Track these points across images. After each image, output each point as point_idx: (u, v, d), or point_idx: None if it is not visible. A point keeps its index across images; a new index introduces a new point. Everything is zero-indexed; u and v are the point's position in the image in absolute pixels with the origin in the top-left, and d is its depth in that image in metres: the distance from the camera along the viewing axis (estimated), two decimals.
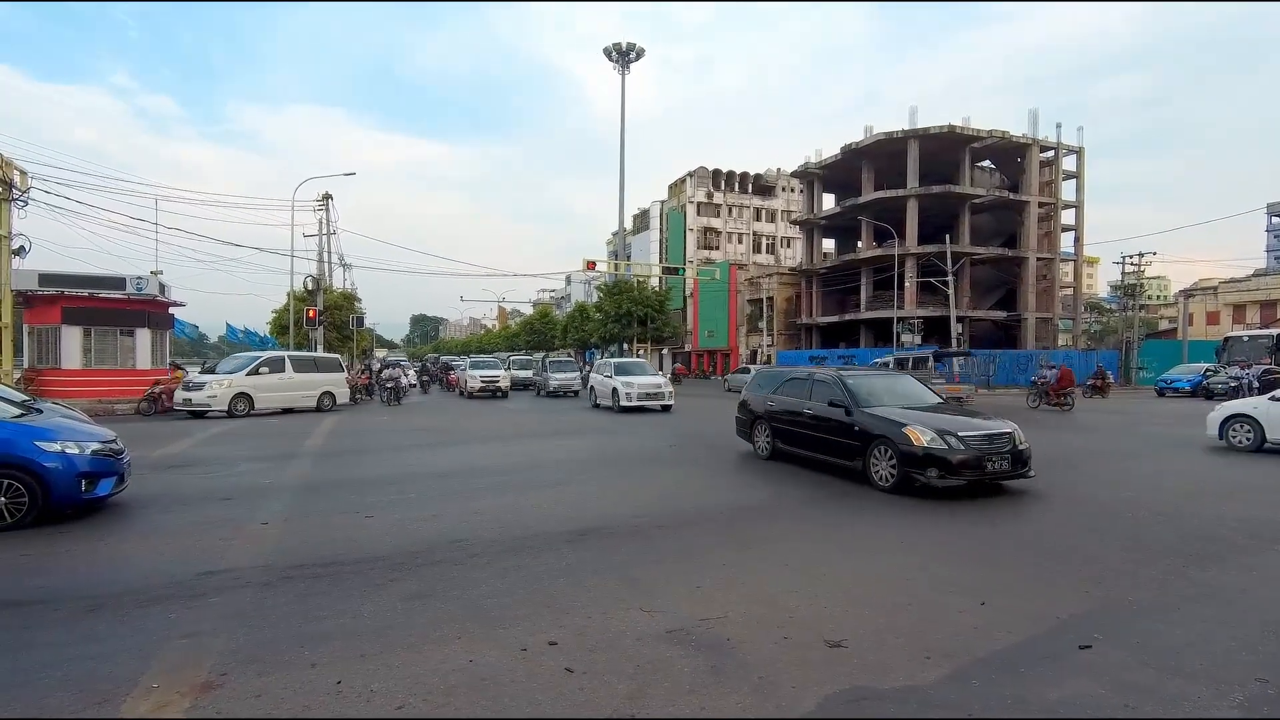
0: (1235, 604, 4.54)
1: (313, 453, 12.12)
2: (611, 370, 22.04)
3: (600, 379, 22.62)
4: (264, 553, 5.71)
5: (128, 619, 4.24)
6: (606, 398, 21.53)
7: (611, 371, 21.94)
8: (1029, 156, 46.41)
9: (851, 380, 9.40)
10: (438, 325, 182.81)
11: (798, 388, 10.20)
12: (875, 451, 8.30)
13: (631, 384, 20.58)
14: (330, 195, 33.77)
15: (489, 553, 5.68)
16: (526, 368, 37.04)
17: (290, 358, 21.57)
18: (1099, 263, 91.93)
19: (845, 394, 9.08)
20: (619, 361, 23.98)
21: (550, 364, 32.97)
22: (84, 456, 6.82)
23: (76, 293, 22.73)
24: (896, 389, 9.60)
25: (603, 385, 22.00)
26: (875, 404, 8.86)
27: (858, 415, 8.69)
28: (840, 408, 8.99)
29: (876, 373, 10.59)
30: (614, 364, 22.81)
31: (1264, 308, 43.98)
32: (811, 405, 9.60)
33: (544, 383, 31.08)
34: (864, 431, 8.50)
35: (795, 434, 9.95)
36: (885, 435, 8.18)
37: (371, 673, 3.48)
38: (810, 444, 9.60)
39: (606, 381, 21.73)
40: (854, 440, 8.64)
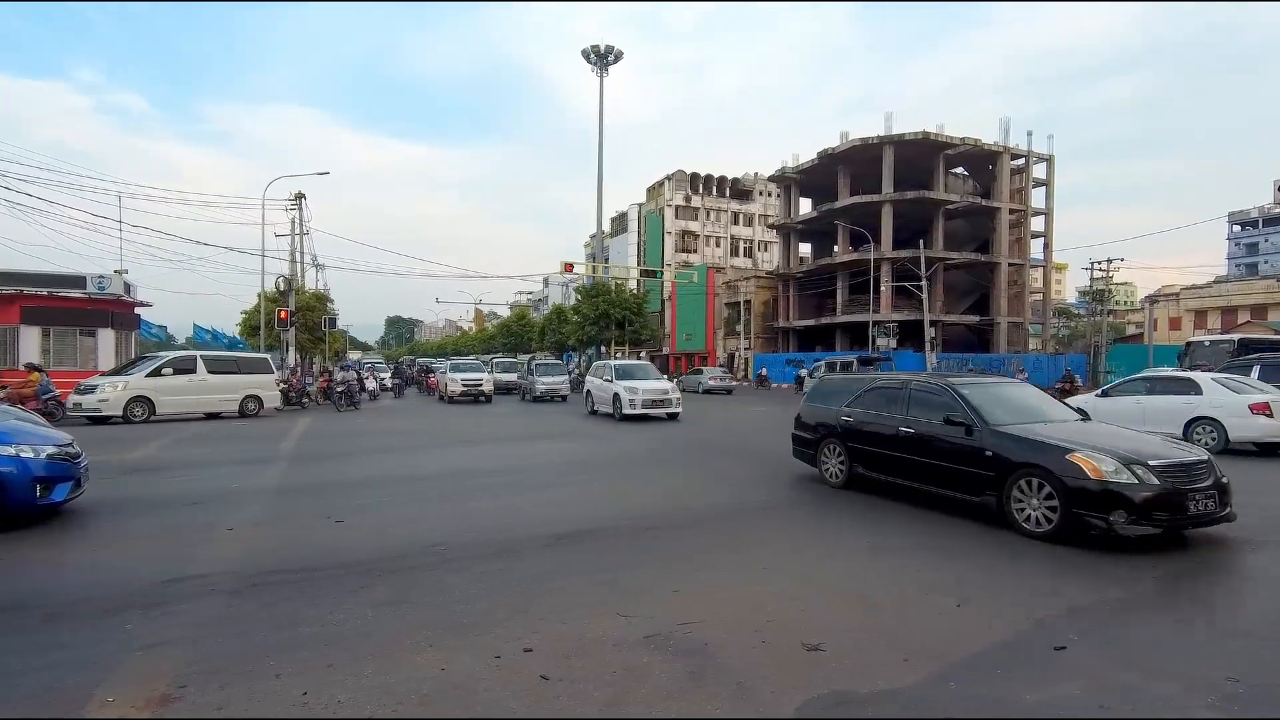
0: (1205, 604, 4.61)
1: (285, 456, 11.86)
2: (612, 373, 19.93)
3: (599, 383, 20.52)
4: (231, 559, 5.54)
5: (84, 629, 4.07)
6: (606, 404, 19.62)
7: (612, 375, 19.82)
8: (1000, 164, 47.27)
9: (969, 390, 7.45)
10: (413, 327, 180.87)
11: (887, 399, 8.16)
12: (1021, 485, 6.30)
13: (635, 389, 18.54)
14: (303, 194, 33.25)
15: (465, 557, 5.57)
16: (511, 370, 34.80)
17: (204, 358, 19.69)
18: (1067, 269, 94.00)
19: (965, 408, 7.09)
20: (620, 364, 21.52)
21: (537, 366, 30.33)
22: (39, 460, 6.57)
23: (36, 291, 22.10)
24: (1021, 401, 7.64)
25: (602, 390, 20.08)
26: (1008, 421, 6.92)
27: (987, 436, 6.75)
28: (959, 426, 7.01)
29: (990, 380, 8.57)
30: (615, 366, 20.57)
31: (1225, 313, 45.22)
32: (913, 422, 7.60)
33: (530, 386, 28.72)
34: (1000, 458, 6.53)
35: (886, 458, 7.91)
36: (1036, 464, 6.21)
37: (339, 683, 3.37)
38: (910, 471, 7.57)
39: (606, 386, 19.78)
40: (983, 469, 6.66)
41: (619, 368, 20.57)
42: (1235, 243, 79.62)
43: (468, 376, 27.26)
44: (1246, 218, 77.23)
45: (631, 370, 20.67)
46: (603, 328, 44.09)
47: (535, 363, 31.90)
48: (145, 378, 18.15)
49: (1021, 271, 48.74)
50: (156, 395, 18.13)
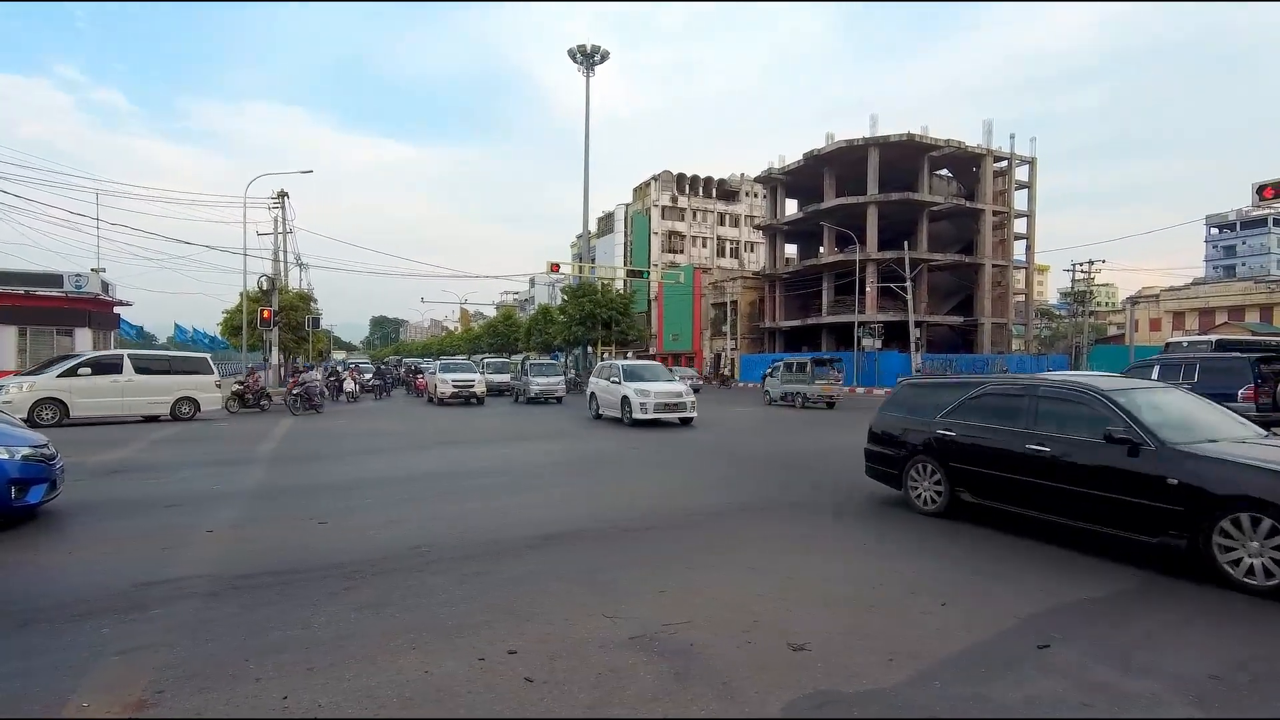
0: (1185, 604, 4.65)
1: (265, 457, 11.72)
2: (620, 374, 18.31)
3: (605, 385, 18.91)
4: (210, 562, 5.45)
5: (60, 633, 3.99)
6: (613, 407, 18.08)
7: (620, 376, 18.25)
8: (984, 166, 47.72)
9: (1125, 397, 5.93)
10: (398, 327, 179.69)
11: (1003, 408, 6.62)
12: (1229, 526, 4.86)
13: (647, 391, 17.00)
14: (286, 193, 32.95)
15: (449, 559, 5.53)
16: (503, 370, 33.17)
17: (131, 356, 18.24)
18: (1049, 270, 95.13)
19: (1127, 421, 5.59)
20: (629, 364, 19.73)
21: (531, 367, 28.66)
22: (14, 462, 6.44)
23: (10, 290, 21.76)
24: (1189, 411, 6.20)
25: (608, 393, 18.54)
26: (1188, 439, 5.47)
27: (1168, 459, 5.26)
28: (1121, 444, 5.49)
29: (1139, 384, 6.68)
30: (623, 367, 18.87)
31: (1202, 315, 45.96)
32: (1047, 438, 6.07)
33: (524, 388, 27.28)
34: (1192, 489, 5.06)
35: (1006, 483, 6.39)
36: (1255, 497, 4.77)
37: (320, 686, 3.32)
38: (1046, 501, 6.01)
39: (613, 388, 18.23)
40: (1164, 501, 5.19)
41: (627, 368, 18.82)
42: (1213, 245, 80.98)
43: (459, 377, 26.00)
44: (1224, 220, 78.57)
45: (641, 371, 19.01)
46: (589, 328, 43.99)
47: (529, 363, 30.11)
48: (57, 378, 16.57)
49: (1005, 273, 49.24)
50: (71, 397, 16.54)
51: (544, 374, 27.69)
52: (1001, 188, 49.38)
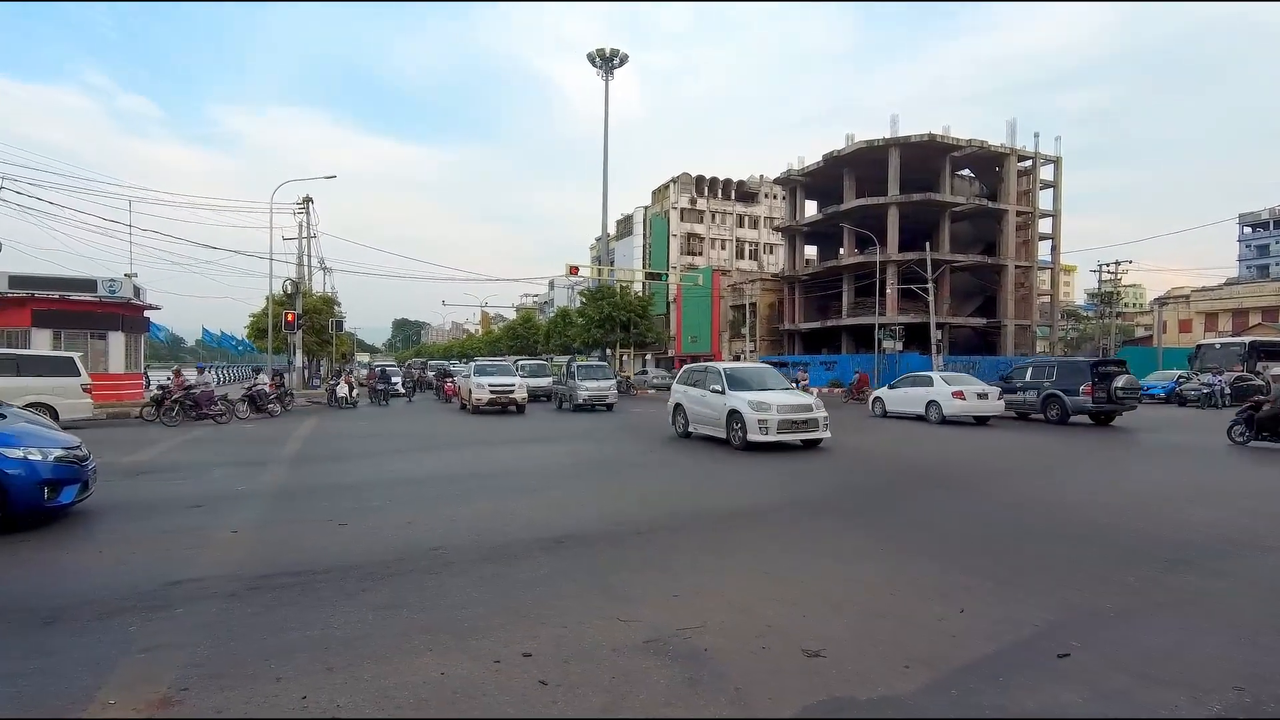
0: (1212, 611, 4.56)
1: (287, 459, 11.91)
2: (723, 381, 13.77)
3: (698, 395, 14.57)
4: (232, 562, 5.56)
5: (86, 631, 4.09)
6: (712, 424, 13.88)
7: (723, 384, 13.69)
8: (1007, 166, 47.07)
9: None
10: (420, 329, 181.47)
11: None
12: None
13: (766, 405, 12.56)
14: (310, 198, 33.47)
15: (465, 561, 5.58)
16: (540, 374, 29.60)
17: None
18: (1076, 271, 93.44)
19: None
20: (733, 368, 14.89)
21: (579, 369, 24.77)
22: (47, 463, 6.62)
23: (47, 295, 22.28)
24: None
25: (704, 405, 14.17)
26: None
27: None
28: None
29: None
30: (725, 372, 14.24)
31: (1235, 315, 44.87)
32: None
33: (570, 393, 23.75)
34: None
35: None
36: None
37: (339, 686, 3.37)
38: None
39: (712, 400, 13.86)
40: None
41: (731, 374, 14.19)
42: (1246, 244, 79.05)
43: (496, 381, 22.35)
44: (1257, 219, 76.67)
45: (748, 376, 14.25)
46: (608, 330, 44.08)
47: (577, 364, 25.88)
48: None
49: (1029, 273, 48.51)
50: None
51: (593, 376, 24.22)
52: (1025, 187, 48.67)
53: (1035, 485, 9.43)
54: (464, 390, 24.25)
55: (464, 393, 24.18)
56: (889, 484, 9.50)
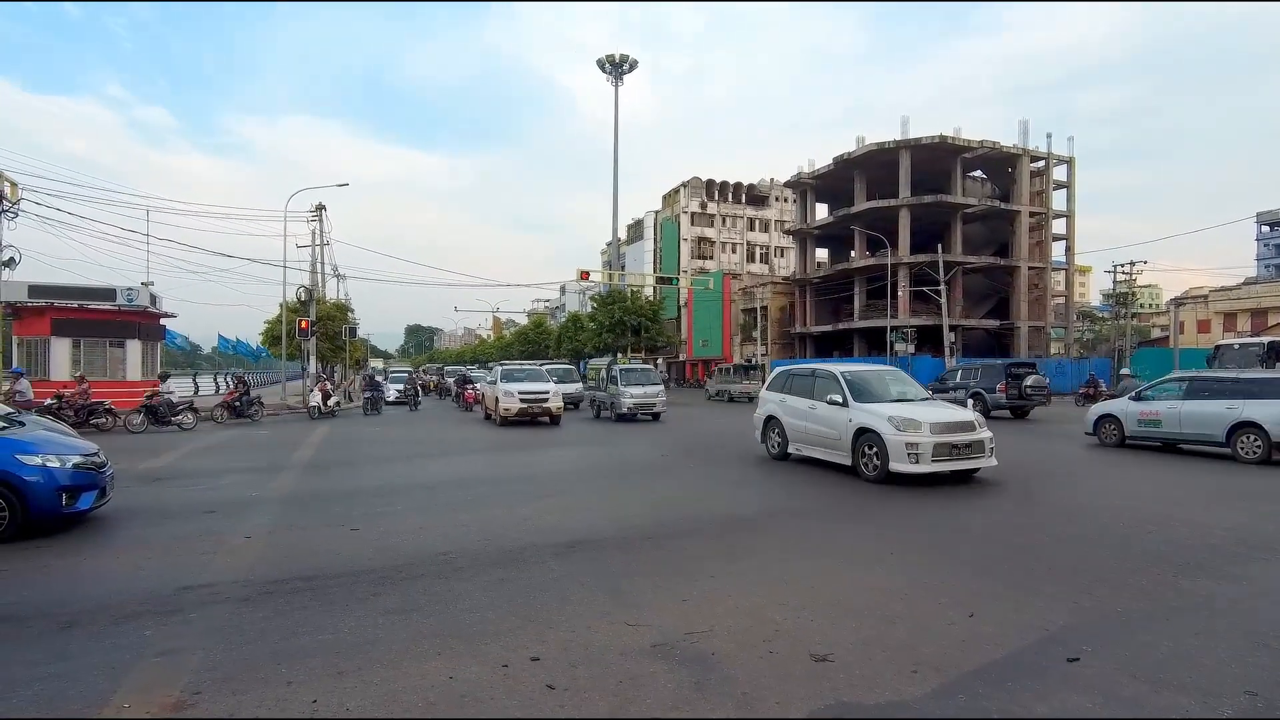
0: (1224, 615, 4.50)
1: (300, 465, 12.02)
2: (842, 389, 10.36)
3: (801, 406, 11.11)
4: (245, 567, 5.63)
5: (102, 636, 4.16)
6: (825, 445, 10.55)
7: (844, 392, 10.30)
8: (1020, 166, 46.76)
9: None
10: (432, 335, 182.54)
11: None
12: None
13: (916, 423, 9.29)
14: (324, 206, 33.74)
15: (475, 566, 5.61)
16: (568, 379, 26.29)
17: None
18: (1091, 271, 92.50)
19: None
20: (854, 372, 11.03)
21: (622, 373, 21.81)
22: (65, 470, 6.73)
23: (66, 304, 22.63)
24: None
25: (816, 421, 10.74)
26: None
27: None
28: None
29: None
30: (844, 376, 10.66)
31: (1254, 316, 44.20)
32: None
33: (612, 400, 20.89)
34: None
35: None
36: None
37: (348, 690, 3.41)
38: None
39: (830, 414, 10.41)
40: None
41: (855, 380, 10.58)
42: (1264, 243, 77.90)
43: (527, 388, 19.06)
44: (1276, 218, 75.54)
45: (875, 383, 10.72)
46: (619, 335, 44.20)
47: (619, 368, 22.94)
48: None
49: (1043, 275, 48.10)
50: None
51: (638, 381, 21.24)
52: (1038, 188, 48.30)
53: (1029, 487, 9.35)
54: (488, 398, 21.17)
55: (488, 401, 21.11)
56: None
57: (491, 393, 20.47)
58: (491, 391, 20.55)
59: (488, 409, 21.36)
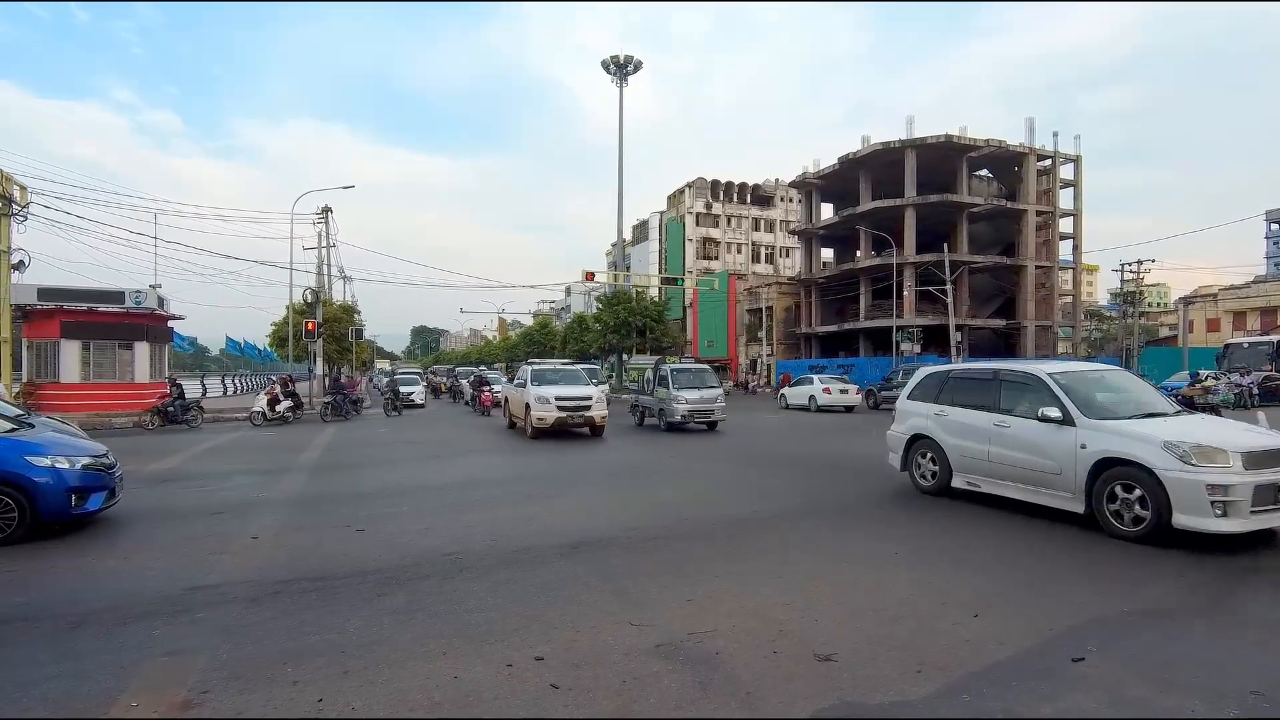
0: (1230, 616, 4.48)
1: (307, 466, 12.08)
2: (1059, 399, 6.99)
3: (980, 423, 7.82)
4: (252, 567, 5.66)
5: (111, 635, 4.19)
6: (1030, 479, 7.23)
7: (1062, 403, 6.95)
8: (1026, 165, 46.55)
9: None
10: (438, 337, 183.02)
11: None
12: None
13: (1215, 448, 5.95)
14: (329, 208, 33.90)
15: (480, 566, 5.63)
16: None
17: None
18: (1098, 270, 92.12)
19: None
20: (1070, 371, 7.72)
21: (676, 374, 18.42)
22: (74, 471, 6.78)
23: (75, 307, 22.80)
24: None
25: (1012, 444, 7.39)
26: None
27: None
28: None
29: None
30: (1057, 379, 7.25)
31: (1264, 314, 43.91)
32: None
33: (662, 407, 18.06)
34: None
35: None
36: None
37: (354, 690, 3.43)
38: None
39: (1036, 436, 7.12)
40: None
41: (1075, 387, 7.25)
42: (1274, 241, 77.27)
43: (565, 392, 16.04)
44: None
45: (1103, 391, 7.54)
46: (624, 335, 44.22)
47: (671, 367, 19.20)
48: None
49: (1049, 274, 47.90)
50: None
51: (694, 383, 18.19)
52: (1045, 187, 48.10)
53: None
54: (514, 404, 18.05)
55: (514, 407, 18.07)
56: None
57: (519, 397, 17.21)
58: (519, 396, 17.26)
59: (512, 417, 18.33)
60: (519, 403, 17.20)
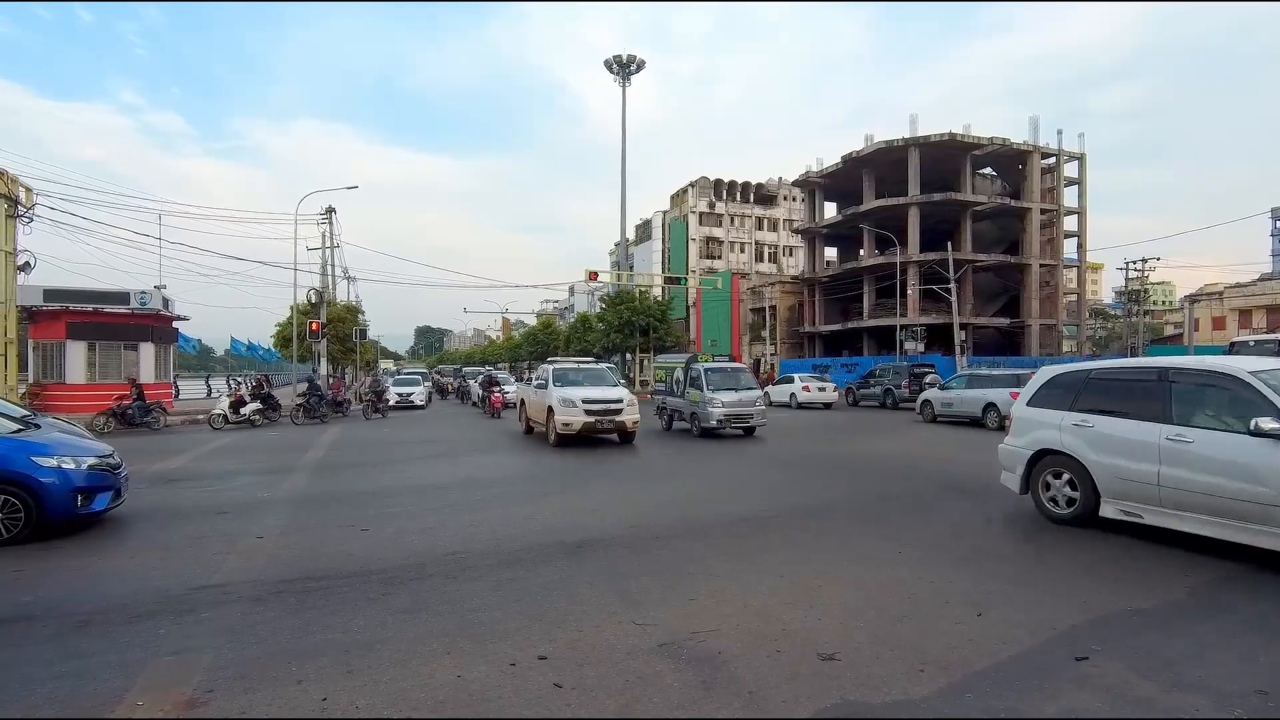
0: (1234, 614, 4.47)
1: (311, 466, 12.11)
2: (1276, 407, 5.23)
3: (1172, 444, 5.88)
4: (257, 567, 5.68)
5: (116, 635, 4.21)
6: (1254, 517, 5.27)
7: None
8: (1030, 163, 46.42)
9: None
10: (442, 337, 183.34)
11: None
12: None
13: None
14: (333, 209, 33.99)
15: (484, 565, 5.64)
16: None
17: None
18: (1103, 269, 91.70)
19: None
20: None
21: (710, 374, 16.65)
22: (80, 471, 6.81)
23: (81, 308, 22.87)
24: None
25: (1218, 465, 5.53)
26: None
27: None
28: None
29: None
30: (1270, 383, 5.45)
31: (1270, 312, 43.71)
32: None
33: (694, 410, 16.47)
34: None
35: None
36: None
37: (358, 689, 3.44)
38: None
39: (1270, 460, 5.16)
40: None
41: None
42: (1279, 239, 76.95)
43: (593, 395, 14.58)
44: None
45: None
46: (627, 335, 44.20)
47: (704, 367, 17.20)
48: None
49: (1054, 272, 47.74)
50: None
51: (728, 384, 16.37)
52: (1049, 185, 47.95)
53: None
54: (532, 407, 16.54)
55: (532, 411, 16.56)
56: None
57: (539, 400, 15.62)
58: (539, 399, 15.65)
59: (531, 421, 16.79)
60: (539, 406, 15.59)
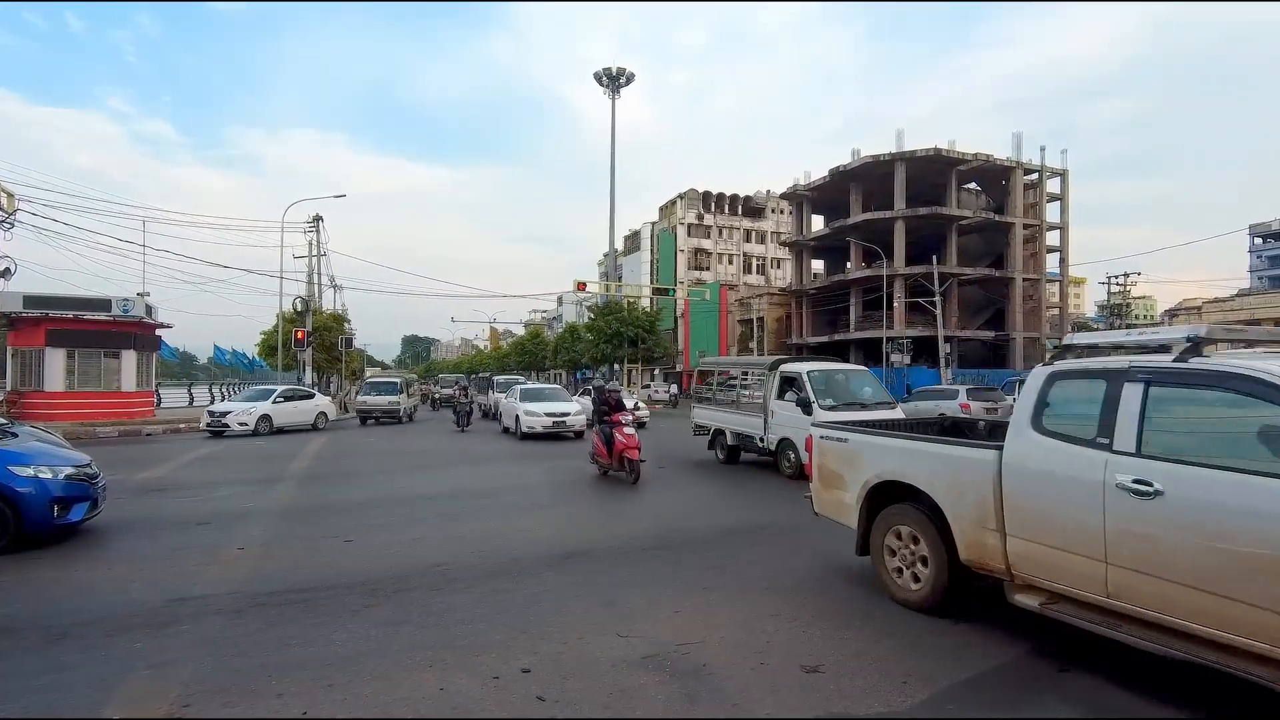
0: None
1: (296, 476, 12.00)
2: None
3: None
4: (238, 579, 5.61)
5: (94, 648, 4.15)
6: None
7: None
8: (1013, 179, 47.08)
9: None
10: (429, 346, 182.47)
11: None
12: None
13: None
14: (321, 217, 33.86)
15: (468, 578, 5.61)
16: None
17: None
18: (1085, 283, 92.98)
19: None
20: None
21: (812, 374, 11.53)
22: (57, 481, 6.71)
23: (61, 315, 22.58)
24: None
25: None
26: None
27: None
28: None
29: None
30: None
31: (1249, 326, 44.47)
32: None
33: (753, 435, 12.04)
34: None
35: None
36: None
37: (339, 702, 3.41)
38: None
39: None
40: None
41: None
42: (1257, 255, 78.42)
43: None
44: (1268, 230, 76.07)
45: None
46: (616, 346, 44.22)
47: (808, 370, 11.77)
48: None
49: (1037, 286, 48.33)
50: None
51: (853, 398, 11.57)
52: (1032, 200, 48.63)
53: None
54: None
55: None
56: None
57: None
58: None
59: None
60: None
